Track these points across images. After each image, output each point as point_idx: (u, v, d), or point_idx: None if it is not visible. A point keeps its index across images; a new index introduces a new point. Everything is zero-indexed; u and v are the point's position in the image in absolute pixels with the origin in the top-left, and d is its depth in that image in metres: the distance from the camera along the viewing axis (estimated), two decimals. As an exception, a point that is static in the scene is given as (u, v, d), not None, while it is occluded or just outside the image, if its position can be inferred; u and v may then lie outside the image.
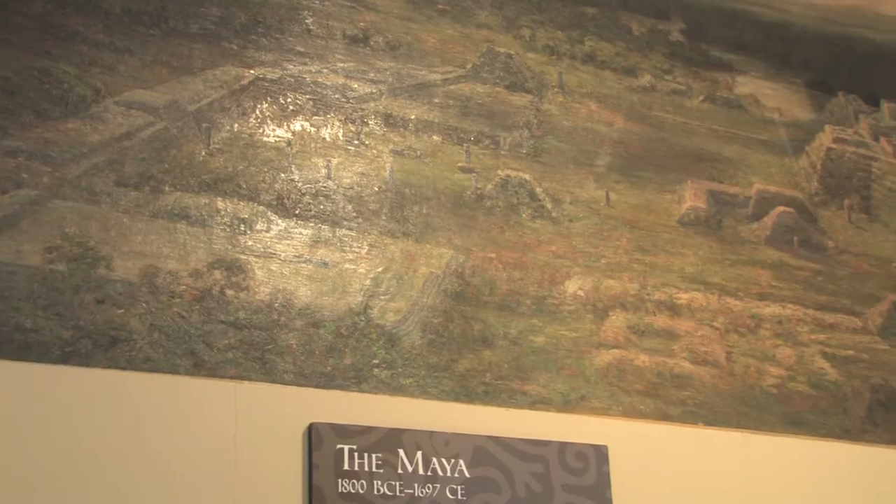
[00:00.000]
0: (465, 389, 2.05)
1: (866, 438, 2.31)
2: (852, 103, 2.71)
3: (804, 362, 2.35)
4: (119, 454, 1.78)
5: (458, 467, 1.95)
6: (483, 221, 2.22)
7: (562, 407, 2.10)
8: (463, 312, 2.12)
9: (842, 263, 2.51)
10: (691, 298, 2.32)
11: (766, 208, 2.50)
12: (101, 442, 1.77)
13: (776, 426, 2.26)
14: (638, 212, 2.37)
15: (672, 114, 2.51)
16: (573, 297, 2.22)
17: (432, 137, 2.26)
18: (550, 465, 2.02)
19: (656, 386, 2.20)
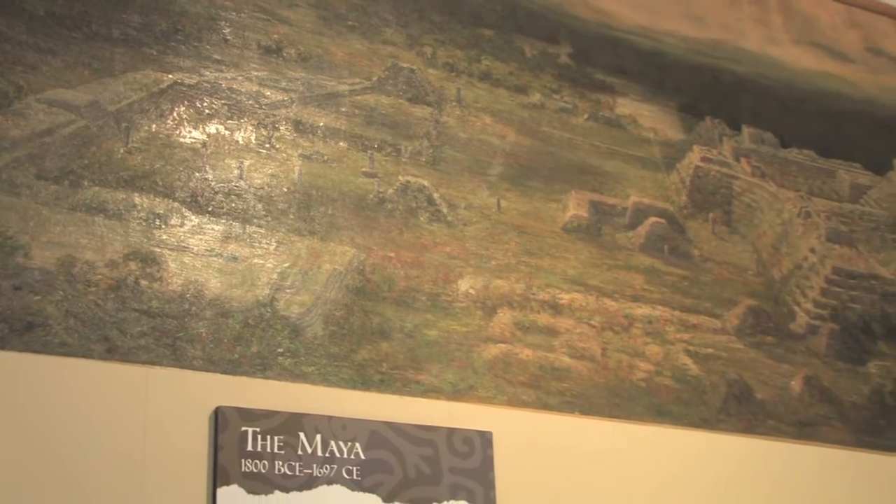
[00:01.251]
0: (362, 378, 2.07)
1: (721, 427, 2.39)
2: (717, 127, 2.79)
3: (670, 359, 2.41)
4: (33, 434, 1.78)
5: (355, 450, 1.97)
6: (384, 223, 2.24)
7: (451, 396, 2.14)
8: (363, 306, 2.13)
9: (705, 270, 2.58)
10: (572, 299, 2.37)
11: (640, 218, 2.56)
12: (15, 422, 1.77)
13: (644, 416, 2.32)
14: (526, 218, 2.41)
15: (559, 130, 2.55)
16: (465, 295, 2.25)
17: (339, 144, 2.26)
18: (439, 448, 2.04)
19: (538, 378, 2.24)
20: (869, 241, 2.85)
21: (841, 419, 2.55)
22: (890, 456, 2.57)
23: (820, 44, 3.04)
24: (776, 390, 2.51)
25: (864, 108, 3.04)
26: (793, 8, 3.03)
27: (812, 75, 3.00)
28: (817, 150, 2.91)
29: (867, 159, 2.97)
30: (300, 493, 1.90)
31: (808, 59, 3.00)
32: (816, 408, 2.54)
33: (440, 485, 2.01)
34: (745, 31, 2.92)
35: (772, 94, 2.90)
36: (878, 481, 2.51)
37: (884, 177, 2.99)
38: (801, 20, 3.03)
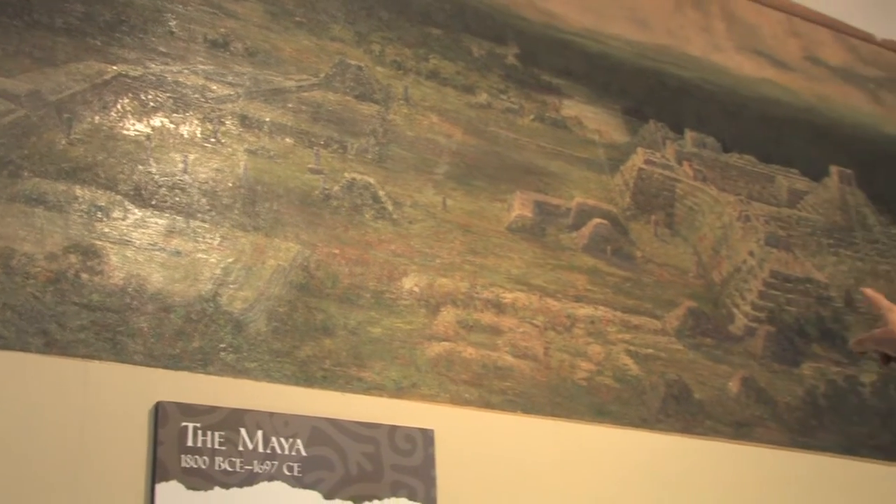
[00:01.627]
0: (305, 374, 2.06)
1: (660, 427, 2.42)
2: (661, 130, 2.81)
3: (611, 359, 2.43)
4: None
5: (296, 446, 1.96)
6: (329, 219, 2.23)
7: (394, 393, 2.14)
8: (307, 303, 2.12)
9: (647, 272, 2.61)
10: (515, 298, 2.37)
11: (584, 219, 2.57)
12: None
13: (585, 415, 2.33)
14: (471, 217, 2.41)
15: (505, 130, 2.56)
16: (409, 293, 2.25)
17: (285, 140, 2.25)
18: (381, 446, 2.04)
19: (481, 376, 2.25)
20: (805, 246, 2.91)
21: (775, 420, 2.59)
22: (821, 456, 2.62)
23: (761, 51, 3.09)
24: (714, 391, 2.54)
25: (802, 116, 3.10)
26: (735, 16, 3.08)
27: (753, 82, 3.05)
28: (757, 156, 2.95)
29: (805, 166, 3.03)
30: (241, 489, 1.88)
31: (749, 66, 3.05)
32: (752, 408, 2.58)
33: (381, 482, 2.01)
34: (689, 37, 2.95)
35: (714, 100, 2.94)
36: (810, 481, 2.56)
37: (820, 183, 3.04)
38: (743, 28, 3.08)
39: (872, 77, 3.30)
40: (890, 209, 3.14)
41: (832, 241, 2.97)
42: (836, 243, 2.97)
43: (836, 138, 3.13)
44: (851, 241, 3.01)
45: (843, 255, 2.97)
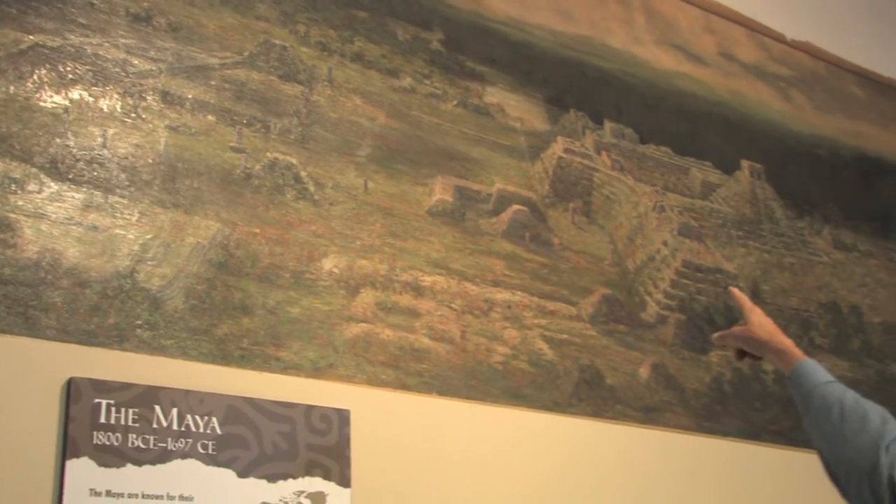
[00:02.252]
0: (222, 353, 2.04)
1: (572, 411, 2.45)
2: (581, 120, 2.84)
3: (527, 343, 2.45)
4: None
5: (211, 424, 1.95)
6: (250, 199, 2.21)
7: (311, 373, 2.13)
8: (225, 281, 2.10)
9: (564, 259, 2.64)
10: (434, 281, 2.38)
11: (504, 205, 2.59)
12: None
13: (499, 398, 2.36)
14: (392, 200, 2.41)
15: (428, 115, 2.56)
16: (328, 274, 2.24)
17: (207, 117, 2.22)
18: (297, 425, 2.03)
19: (398, 358, 2.26)
20: (716, 237, 2.97)
21: (683, 405, 2.65)
22: (726, 441, 2.69)
23: (679, 46, 3.15)
24: (625, 376, 2.59)
25: (716, 110, 3.16)
26: (654, 10, 3.12)
27: (671, 75, 3.10)
28: (673, 148, 3.01)
29: (718, 159, 3.09)
30: (153, 466, 1.86)
31: (667, 59, 3.10)
32: (661, 394, 2.63)
33: (296, 461, 2.01)
34: (610, 29, 2.99)
35: (633, 92, 2.98)
36: (715, 464, 2.62)
37: (732, 176, 3.11)
38: (662, 22, 3.13)
39: (783, 76, 3.39)
40: (796, 204, 3.23)
41: (741, 233, 3.04)
42: (745, 235, 3.05)
43: (748, 133, 3.20)
44: (759, 234, 3.09)
45: (752, 247, 3.04)
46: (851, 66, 3.57)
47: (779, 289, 3.03)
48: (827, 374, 1.72)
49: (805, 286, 3.10)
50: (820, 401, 1.66)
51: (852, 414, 1.60)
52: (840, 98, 3.50)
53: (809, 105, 3.40)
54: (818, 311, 3.08)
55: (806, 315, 3.05)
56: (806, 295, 3.08)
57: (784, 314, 2.99)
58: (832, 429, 1.60)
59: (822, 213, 3.27)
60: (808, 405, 1.67)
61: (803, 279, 3.11)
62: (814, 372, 1.72)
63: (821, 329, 3.06)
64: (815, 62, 3.48)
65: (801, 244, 3.17)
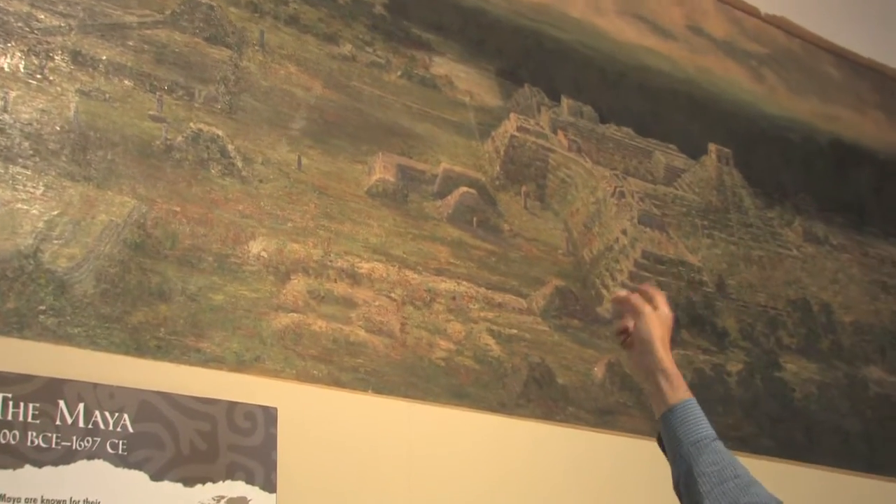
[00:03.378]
0: (136, 343, 2.03)
1: (520, 412, 2.47)
2: (536, 95, 2.85)
3: (472, 338, 2.47)
4: None
5: (122, 421, 1.93)
6: (170, 173, 2.19)
7: (235, 367, 2.12)
8: (141, 264, 2.08)
9: (514, 247, 2.65)
10: (372, 268, 2.38)
11: (450, 187, 2.59)
12: None
13: (441, 397, 2.37)
14: (328, 179, 2.40)
15: (369, 86, 2.55)
16: (256, 258, 2.23)
17: (123, 82, 2.19)
18: (218, 423, 2.02)
19: (331, 352, 2.25)
20: (679, 226, 3.01)
21: (639, 407, 2.68)
22: (685, 447, 2.72)
23: (644, 17, 3.17)
24: (579, 376, 2.61)
25: (682, 89, 3.19)
26: (618, -23, 3.14)
27: (634, 49, 3.12)
28: (635, 128, 3.03)
29: (683, 142, 3.12)
30: (55, 468, 1.84)
31: (630, 31, 3.12)
32: (617, 395, 2.66)
33: (216, 463, 1.99)
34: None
35: (593, 66, 3.00)
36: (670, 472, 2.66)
37: (698, 161, 3.15)
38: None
39: (755, 53, 3.43)
40: (766, 192, 3.28)
41: (707, 223, 3.08)
42: (711, 225, 3.09)
43: (716, 115, 3.23)
44: (726, 224, 3.13)
45: (718, 238, 3.08)
46: (828, 44, 3.63)
47: (746, 283, 3.07)
48: (710, 426, 1.64)
49: (773, 281, 3.15)
50: (712, 458, 1.60)
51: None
52: (815, 79, 3.56)
53: (783, 86, 3.45)
54: (787, 308, 3.14)
55: (774, 313, 3.10)
56: (774, 291, 3.13)
57: (750, 311, 3.04)
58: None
59: (794, 203, 3.32)
60: (696, 457, 1.62)
61: (772, 274, 3.16)
62: (701, 420, 1.64)
63: (789, 328, 3.11)
64: (789, 39, 3.53)
65: (770, 236, 3.22)
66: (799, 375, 3.03)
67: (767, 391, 2.95)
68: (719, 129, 3.22)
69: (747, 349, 2.98)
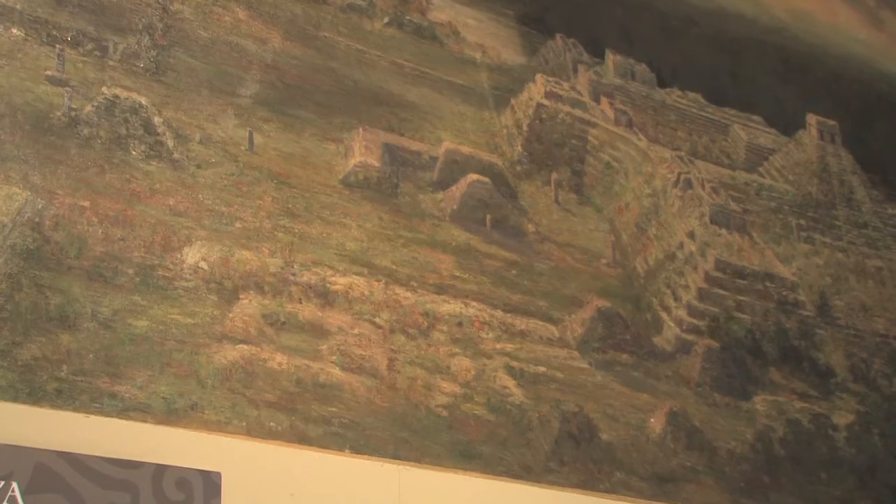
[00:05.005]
0: (29, 385, 2.03)
1: (550, 479, 2.47)
2: (572, 50, 2.87)
3: (484, 378, 2.48)
4: None
5: (10, 493, 1.93)
6: (76, 156, 2.21)
7: (163, 418, 2.13)
8: (36, 278, 2.10)
9: (542, 254, 2.67)
10: (350, 284, 2.40)
11: (455, 174, 2.61)
12: None
13: (442, 458, 2.37)
14: (290, 163, 2.43)
15: (346, 37, 2.58)
16: (193, 271, 2.25)
17: (11, 31, 2.21)
18: (141, 495, 2.03)
19: (294, 397, 2.27)
20: (767, 227, 3.01)
21: (714, 473, 2.69)
22: (776, 527, 2.74)
23: (719, -56, 3.19)
24: (629, 430, 2.62)
25: (771, 39, 3.20)
26: None
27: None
28: (706, 94, 3.04)
29: (771, 112, 3.13)
30: (-78, 555, 1.86)
31: (701, -37, 3.14)
32: (682, 456, 2.67)
33: (139, 548, 2.01)
34: (617, -85, 3.02)
35: (651, 9, 3.01)
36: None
37: (792, 138, 3.16)
38: None
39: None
40: (886, 180, 3.28)
41: (804, 223, 3.09)
42: (810, 225, 3.10)
43: (817, 75, 3.24)
44: (832, 224, 3.14)
45: (819, 243, 3.09)
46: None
47: (858, 305, 3.08)
48: None
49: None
50: None
51: None
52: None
53: (909, 34, 3.46)
54: (914, 338, 3.15)
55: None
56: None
57: (865, 342, 3.04)
58: None
59: (925, 196, 3.34)
60: None
61: (894, 292, 3.17)
62: None
63: (918, 365, 3.12)
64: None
65: (892, 240, 3.23)
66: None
67: (889, 451, 2.95)
68: (822, 94, 3.23)
69: (861, 394, 2.98)
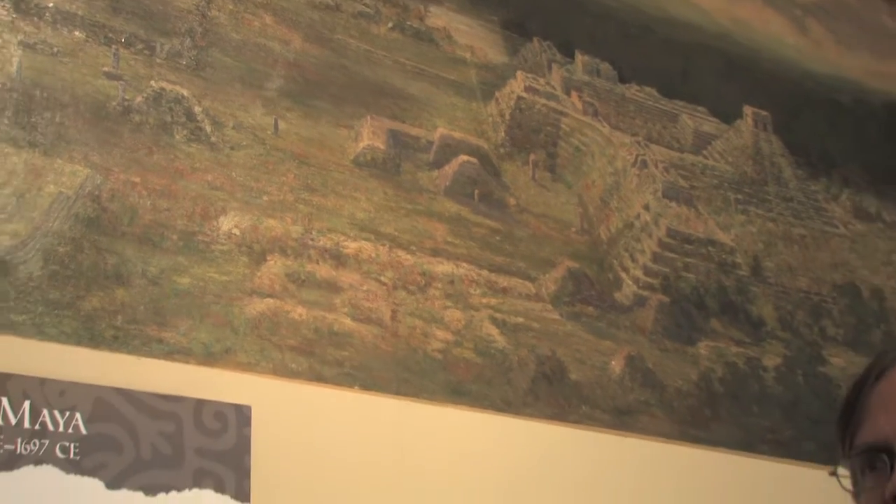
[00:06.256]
0: (89, 332, 2.03)
1: (527, 412, 2.48)
2: (547, 51, 2.85)
3: (473, 327, 2.48)
4: None
5: (74, 422, 1.93)
6: (128, 139, 2.19)
7: (203, 360, 2.13)
8: (96, 242, 2.09)
9: (521, 224, 2.66)
10: (359, 248, 2.39)
11: (448, 156, 2.60)
12: None
13: (437, 394, 2.37)
14: (309, 146, 2.41)
15: (356, 39, 2.56)
16: (227, 236, 2.24)
17: (73, 33, 2.20)
18: (184, 424, 2.03)
19: (312, 343, 2.26)
20: (710, 201, 3.01)
21: (664, 407, 2.69)
22: (714, 451, 2.73)
23: (672, -39, 3.17)
24: (594, 371, 2.62)
25: (715, 44, 3.19)
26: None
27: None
28: (660, 89, 3.03)
29: (715, 104, 3.12)
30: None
31: (656, -22, 3.12)
32: (637, 393, 2.67)
33: (182, 468, 2.00)
34: (587, -62, 3.00)
35: (613, 18, 2.99)
36: (700, 479, 2.67)
37: (732, 126, 3.15)
38: (651, -70, 3.14)
39: (799, 1, 3.42)
40: (810, 162, 3.27)
41: (741, 197, 3.08)
42: (746, 199, 3.09)
43: (753, 74, 3.23)
44: (764, 198, 3.13)
45: (753, 214, 3.09)
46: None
47: (785, 266, 3.08)
48: None
49: (817, 263, 3.15)
50: None
51: None
52: (869, 31, 3.55)
53: (831, 39, 3.44)
54: (832, 294, 3.14)
55: (817, 299, 3.10)
56: (818, 275, 3.14)
57: (791, 297, 3.04)
58: None
59: (842, 174, 3.32)
60: None
61: (816, 255, 3.16)
62: None
63: (835, 317, 3.12)
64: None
65: (814, 212, 3.22)
66: (846, 371, 3.03)
67: (810, 389, 2.96)
68: (757, 89, 3.22)
69: (787, 341, 2.98)
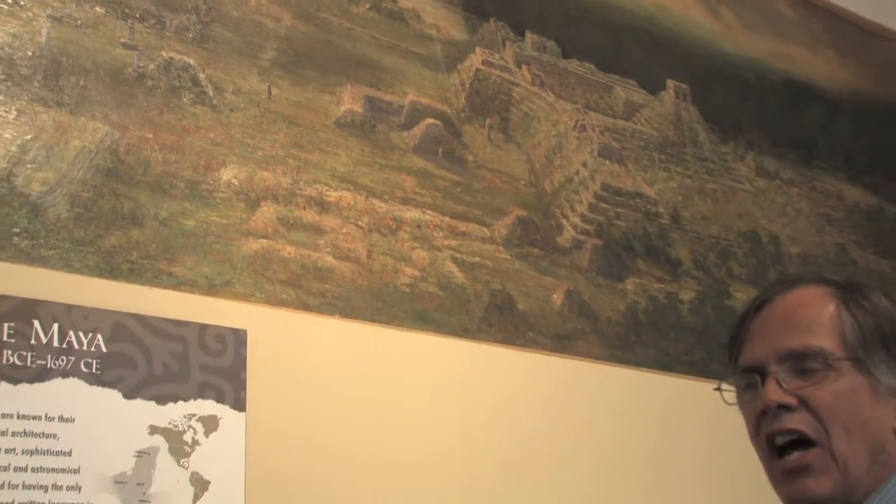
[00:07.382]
0: (109, 265, 2.01)
1: (482, 337, 2.48)
2: (501, 30, 2.83)
3: (436, 265, 2.47)
4: None
5: (96, 342, 1.92)
6: (142, 101, 2.16)
7: (206, 290, 2.11)
8: (114, 189, 2.06)
9: (478, 177, 2.65)
10: (340, 197, 2.37)
11: (416, 119, 2.58)
12: None
13: (405, 321, 2.37)
14: (297, 109, 2.38)
15: (339, 18, 2.52)
16: (227, 185, 2.21)
17: (95, 8, 2.15)
18: (189, 345, 2.02)
19: (299, 277, 2.25)
20: (637, 160, 3.01)
21: (596, 334, 2.70)
22: (638, 371, 2.76)
23: (607, -47, 3.14)
24: (538, 302, 2.63)
25: (642, 25, 3.17)
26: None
27: (597, -15, 3.10)
28: (597, 64, 3.02)
29: (642, 77, 3.12)
30: (31, 385, 1.83)
31: (593, -33, 3.09)
32: (575, 322, 2.68)
33: (188, 382, 2.00)
34: (535, -68, 2.96)
35: (557, 2, 2.97)
36: (626, 394, 2.70)
37: (657, 96, 3.14)
38: (589, -71, 3.11)
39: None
40: (721, 128, 3.28)
41: (664, 157, 3.08)
42: (668, 159, 3.09)
43: (675, 52, 3.22)
44: (682, 158, 3.14)
45: (674, 171, 3.09)
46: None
47: (699, 216, 3.09)
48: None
49: (726, 214, 3.17)
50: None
51: None
52: (770, 17, 3.54)
53: (738, 23, 3.44)
54: (737, 240, 3.16)
55: (725, 244, 3.12)
56: (726, 223, 3.16)
57: (703, 242, 3.06)
58: None
59: (747, 139, 3.33)
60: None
61: (724, 206, 3.18)
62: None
63: (739, 259, 3.14)
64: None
65: (723, 170, 3.23)
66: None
67: (717, 318, 2.98)
68: (677, 65, 3.22)
69: (699, 278, 3.00)
